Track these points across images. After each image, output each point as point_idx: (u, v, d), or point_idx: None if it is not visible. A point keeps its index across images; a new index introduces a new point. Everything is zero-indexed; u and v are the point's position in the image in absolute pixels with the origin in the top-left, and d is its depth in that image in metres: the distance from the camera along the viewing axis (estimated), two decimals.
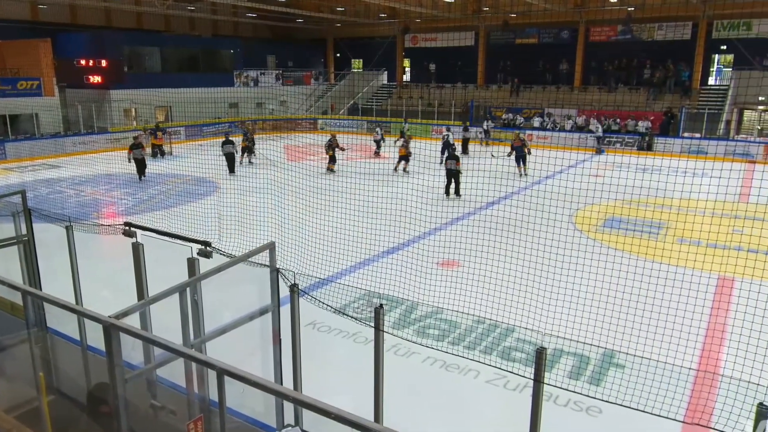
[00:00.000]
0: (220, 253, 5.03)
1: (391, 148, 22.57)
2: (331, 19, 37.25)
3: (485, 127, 28.22)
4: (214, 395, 3.00)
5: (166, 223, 10.93)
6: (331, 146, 20.15)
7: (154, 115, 29.48)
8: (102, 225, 7.51)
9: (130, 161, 18.42)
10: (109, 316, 3.36)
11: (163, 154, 24.07)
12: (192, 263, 4.70)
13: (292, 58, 40.55)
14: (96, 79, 28.10)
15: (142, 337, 3.56)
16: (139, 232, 5.54)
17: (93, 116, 26.29)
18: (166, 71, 32.35)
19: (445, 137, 25.84)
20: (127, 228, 5.57)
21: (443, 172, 16.72)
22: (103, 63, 28.23)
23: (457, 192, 16.22)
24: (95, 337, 5.51)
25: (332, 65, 43.53)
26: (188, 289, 4.44)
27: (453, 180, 16.27)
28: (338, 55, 43.56)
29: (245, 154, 21.55)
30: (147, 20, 33.98)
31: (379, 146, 25.49)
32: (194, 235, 5.31)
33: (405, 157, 20.31)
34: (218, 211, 13.16)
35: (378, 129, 26.43)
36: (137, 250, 5.31)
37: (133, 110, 29.18)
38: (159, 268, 5.75)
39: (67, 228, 6.35)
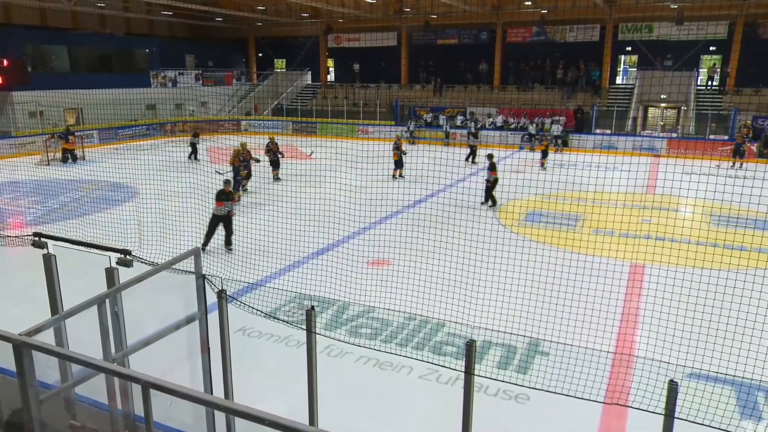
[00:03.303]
0: (142, 262, 4.82)
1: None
2: (252, 18, 36.51)
3: (530, 130, 28.09)
4: (139, 410, 2.87)
5: (80, 232, 10.34)
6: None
7: (63, 117, 27.76)
8: (8, 237, 7.00)
9: (230, 214, 11.39)
10: (19, 334, 3.15)
11: (75, 158, 22.76)
12: (111, 273, 4.48)
13: (212, 58, 39.40)
14: None
15: (58, 353, 3.37)
16: (50, 242, 5.21)
17: None
18: (76, 71, 30.57)
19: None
20: (36, 239, 5.22)
21: (373, 171, 16.69)
22: (4, 63, 26.25)
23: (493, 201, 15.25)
24: (4, 358, 5.13)
25: (254, 65, 42.68)
26: (107, 300, 4.22)
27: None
28: (260, 55, 42.76)
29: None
30: (52, 17, 31.86)
31: (412, 135, 28.36)
32: (112, 244, 5.06)
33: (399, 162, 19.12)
34: (138, 218, 12.60)
35: (411, 122, 28.67)
36: (49, 261, 4.99)
37: (39, 113, 27.34)
38: (75, 280, 5.43)
39: None
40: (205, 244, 11.06)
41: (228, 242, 11.29)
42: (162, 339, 4.47)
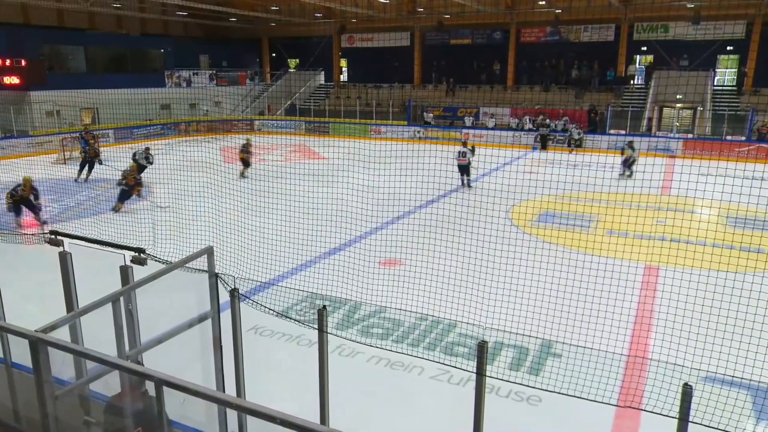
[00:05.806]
0: (155, 260, 4.86)
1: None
2: (266, 18, 36.67)
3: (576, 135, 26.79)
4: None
5: (96, 230, 10.45)
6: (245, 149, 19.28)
7: (79, 117, 28.09)
8: (25, 234, 7.10)
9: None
10: (35, 331, 3.19)
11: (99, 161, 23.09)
12: (125, 271, 4.52)
13: (226, 58, 39.65)
14: (13, 80, 26.48)
15: (73, 350, 3.40)
16: (66, 240, 5.27)
17: (12, 119, 24.78)
18: (92, 71, 30.91)
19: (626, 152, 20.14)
20: (52, 237, 5.29)
21: (385, 171, 16.64)
22: (22, 63, 26.64)
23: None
24: (21, 354, 5.21)
25: (268, 65, 42.88)
26: (122, 298, 4.26)
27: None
28: (274, 54, 42.96)
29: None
30: (69, 17, 32.27)
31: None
32: (127, 242, 5.11)
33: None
34: (152, 217, 12.72)
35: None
36: (65, 259, 5.05)
37: (55, 112, 27.70)
38: (90, 278, 5.49)
39: None
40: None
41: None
42: (175, 337, 4.51)
